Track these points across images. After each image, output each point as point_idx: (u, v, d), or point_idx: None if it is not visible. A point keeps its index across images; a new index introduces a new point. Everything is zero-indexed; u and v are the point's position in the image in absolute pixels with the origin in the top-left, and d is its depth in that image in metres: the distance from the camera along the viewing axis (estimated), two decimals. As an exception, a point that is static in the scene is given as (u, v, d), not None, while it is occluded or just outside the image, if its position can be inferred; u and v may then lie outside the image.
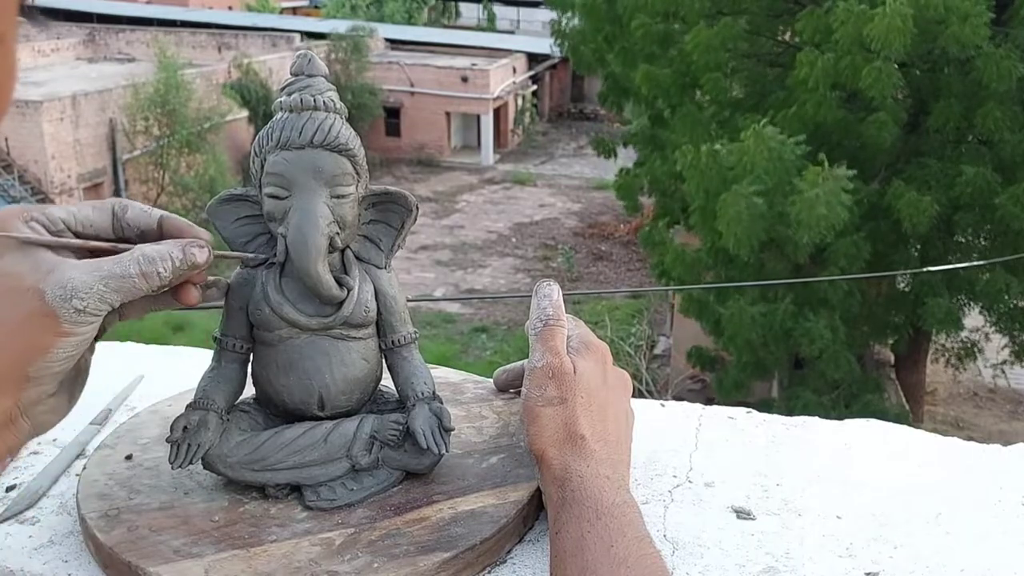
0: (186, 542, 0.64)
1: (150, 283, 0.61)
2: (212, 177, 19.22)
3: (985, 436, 10.06)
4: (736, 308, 7.41)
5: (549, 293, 0.76)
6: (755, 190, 6.61)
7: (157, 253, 0.62)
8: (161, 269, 0.61)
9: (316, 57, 0.71)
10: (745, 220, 6.57)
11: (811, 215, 6.33)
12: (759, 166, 6.59)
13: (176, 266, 0.62)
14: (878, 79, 6.62)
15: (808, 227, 6.39)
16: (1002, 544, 0.70)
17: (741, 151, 6.66)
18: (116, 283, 0.59)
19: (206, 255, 0.64)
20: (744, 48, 8.21)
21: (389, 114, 25.10)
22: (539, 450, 0.68)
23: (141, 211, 0.66)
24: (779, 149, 6.62)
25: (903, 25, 6.27)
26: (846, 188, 6.43)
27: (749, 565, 0.67)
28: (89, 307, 0.58)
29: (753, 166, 6.62)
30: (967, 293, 8.13)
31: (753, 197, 6.59)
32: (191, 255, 0.63)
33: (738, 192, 6.60)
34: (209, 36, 26.23)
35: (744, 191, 6.59)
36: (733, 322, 7.45)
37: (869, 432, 0.87)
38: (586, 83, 29.44)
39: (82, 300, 0.58)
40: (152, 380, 0.95)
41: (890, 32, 6.29)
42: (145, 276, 0.61)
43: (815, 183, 6.37)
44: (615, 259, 18.58)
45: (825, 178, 6.38)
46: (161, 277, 0.61)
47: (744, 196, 6.58)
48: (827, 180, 6.37)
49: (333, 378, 0.70)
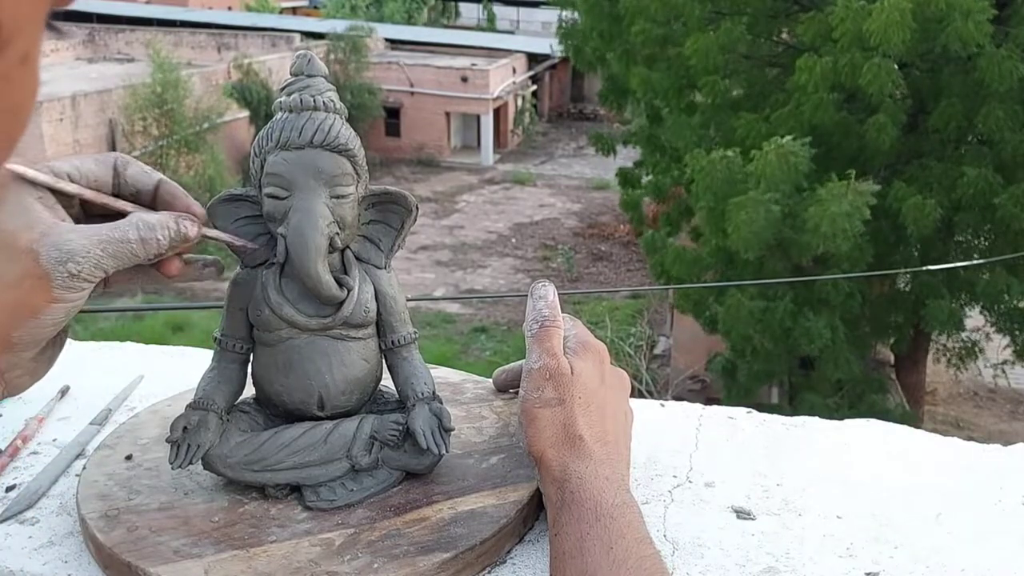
0: (186, 542, 0.64)
1: (147, 250, 0.61)
2: (212, 177, 19.20)
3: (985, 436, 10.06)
4: (734, 301, 7.41)
5: (545, 294, 0.76)
6: (771, 197, 6.63)
7: (157, 220, 0.61)
8: (160, 236, 0.61)
9: (316, 57, 0.71)
10: (760, 225, 6.59)
11: (832, 227, 6.35)
12: (776, 176, 6.61)
13: (172, 236, 0.62)
14: (877, 75, 6.63)
15: (825, 237, 6.41)
16: (1002, 544, 0.70)
17: (762, 162, 6.68)
18: (114, 247, 0.59)
19: (196, 230, 0.64)
20: (743, 49, 8.22)
21: (389, 114, 25.09)
22: (538, 451, 0.68)
23: (141, 171, 0.66)
24: (796, 160, 6.65)
25: (901, 19, 6.28)
26: (870, 203, 6.46)
27: (749, 565, 0.67)
28: (84, 272, 0.57)
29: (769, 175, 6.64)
30: (967, 293, 8.13)
31: (771, 204, 6.61)
32: (184, 227, 0.63)
33: (756, 199, 6.62)
34: (209, 36, 26.22)
35: (761, 198, 6.61)
36: (730, 316, 7.46)
37: (869, 432, 0.87)
38: (586, 83, 29.43)
39: (78, 264, 0.56)
40: (152, 380, 0.95)
41: (889, 27, 6.30)
42: (144, 242, 0.60)
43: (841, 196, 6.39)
44: (615, 259, 18.57)
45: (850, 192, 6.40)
46: (159, 245, 0.61)
47: (762, 203, 6.60)
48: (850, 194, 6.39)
49: (333, 378, 0.70)
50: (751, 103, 8.32)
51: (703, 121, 8.45)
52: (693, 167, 7.29)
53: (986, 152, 7.52)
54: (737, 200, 6.74)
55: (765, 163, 6.66)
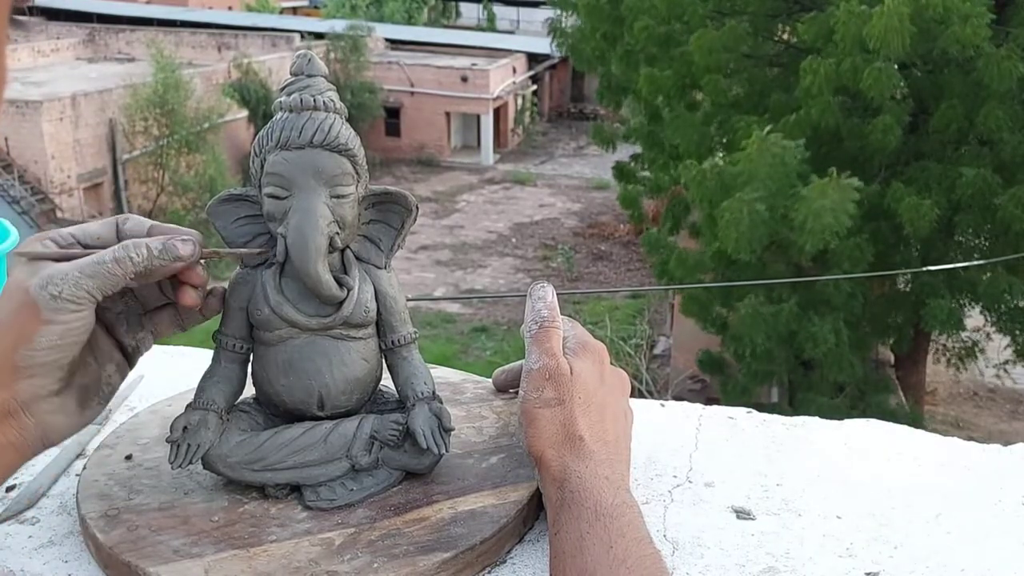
0: (186, 542, 0.64)
1: (123, 268, 0.62)
2: (212, 177, 19.22)
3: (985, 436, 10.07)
4: (748, 307, 7.42)
5: (543, 295, 0.76)
6: (756, 196, 6.63)
7: (132, 242, 0.64)
8: (133, 255, 0.63)
9: (316, 57, 0.71)
10: (745, 225, 6.59)
11: (817, 223, 6.36)
12: (762, 172, 6.61)
13: (153, 255, 0.63)
14: (878, 79, 6.64)
15: (813, 234, 6.42)
16: (1002, 544, 0.70)
17: (746, 159, 6.69)
18: (91, 268, 0.62)
19: (191, 248, 0.65)
20: (745, 49, 8.22)
21: (389, 114, 25.09)
22: (538, 452, 0.68)
23: (138, 222, 0.68)
24: (782, 155, 6.64)
25: (900, 25, 6.29)
26: (853, 198, 6.46)
27: (749, 565, 0.67)
28: (64, 292, 0.60)
29: (756, 172, 6.64)
30: (968, 294, 8.13)
31: (755, 204, 6.61)
32: (172, 247, 0.64)
33: (740, 198, 6.63)
34: (209, 36, 26.23)
35: (746, 197, 6.61)
36: (744, 323, 7.45)
37: (869, 432, 0.87)
38: (586, 83, 29.43)
39: (57, 286, 0.60)
40: (152, 380, 0.95)
41: (888, 32, 6.31)
42: (118, 261, 0.62)
43: (823, 194, 6.40)
44: (615, 259, 18.58)
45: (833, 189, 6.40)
46: (134, 262, 0.63)
47: (746, 202, 6.60)
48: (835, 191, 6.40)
49: (333, 378, 0.70)
50: (751, 103, 8.32)
51: (705, 119, 8.46)
52: (686, 176, 7.32)
53: (985, 153, 7.52)
54: (725, 203, 6.76)
55: (748, 160, 6.66)
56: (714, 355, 9.33)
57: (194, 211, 19.01)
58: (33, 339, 0.60)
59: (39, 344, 0.61)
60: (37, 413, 0.62)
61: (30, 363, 0.61)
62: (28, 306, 0.60)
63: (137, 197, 20.45)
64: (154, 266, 0.64)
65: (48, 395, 0.63)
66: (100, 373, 0.67)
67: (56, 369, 0.62)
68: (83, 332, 0.63)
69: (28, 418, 0.62)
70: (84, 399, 0.66)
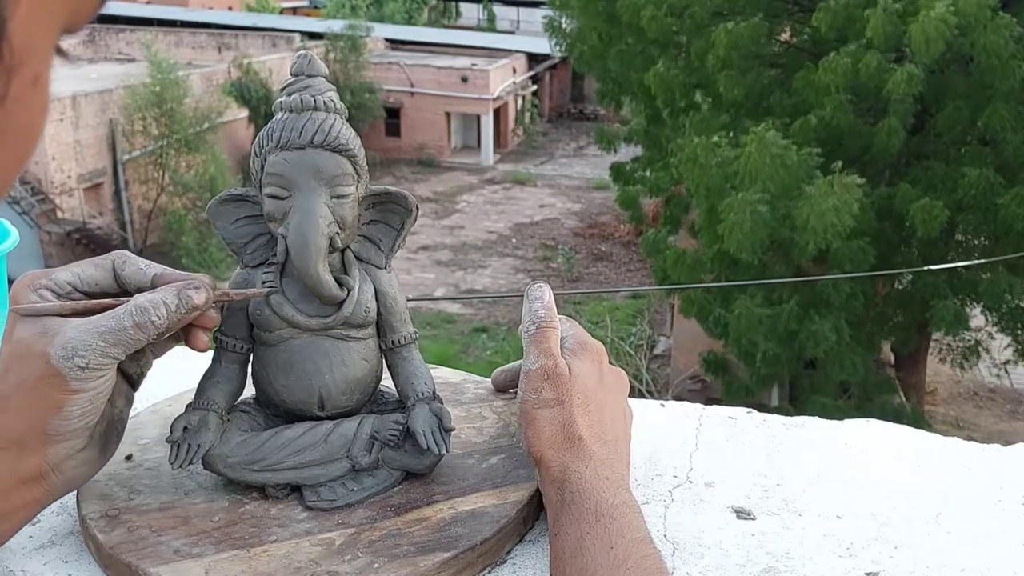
0: (186, 542, 0.65)
1: (146, 333, 0.62)
2: (212, 177, 19.20)
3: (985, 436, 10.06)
4: (743, 308, 7.39)
5: (540, 295, 0.76)
6: (760, 198, 6.60)
7: (150, 302, 0.62)
8: (155, 317, 0.62)
9: (316, 57, 0.71)
10: (747, 227, 6.57)
11: (820, 223, 6.33)
12: (763, 173, 6.58)
13: (172, 311, 0.63)
14: (908, 82, 6.56)
15: (816, 234, 6.39)
16: (1002, 544, 0.70)
17: (745, 156, 6.65)
18: (113, 337, 0.61)
19: (204, 296, 0.64)
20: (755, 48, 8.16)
21: (389, 114, 25.08)
22: (537, 452, 0.68)
23: (137, 269, 0.66)
24: (782, 155, 6.61)
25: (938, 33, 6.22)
26: (857, 197, 6.43)
27: (749, 565, 0.67)
28: (91, 363, 0.60)
29: (757, 173, 6.61)
30: (969, 293, 8.12)
31: (758, 206, 6.58)
32: (187, 298, 0.63)
33: (744, 200, 6.60)
34: (209, 36, 26.21)
35: (750, 199, 6.59)
36: (740, 323, 7.43)
37: (869, 432, 0.87)
38: (586, 83, 29.41)
39: (83, 358, 0.60)
40: (152, 380, 0.95)
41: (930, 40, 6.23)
42: (139, 327, 0.61)
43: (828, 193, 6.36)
44: (615, 259, 18.57)
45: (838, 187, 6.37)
46: (156, 325, 0.62)
47: (749, 204, 6.57)
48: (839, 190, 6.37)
49: (333, 378, 0.70)
50: (752, 103, 8.30)
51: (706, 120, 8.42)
52: (679, 156, 7.22)
53: (987, 153, 7.50)
54: (727, 202, 6.73)
55: (747, 157, 6.62)
56: (718, 355, 9.31)
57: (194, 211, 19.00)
58: (64, 409, 0.60)
59: (70, 414, 0.60)
60: (65, 471, 0.63)
61: (63, 431, 0.61)
62: (52, 376, 0.59)
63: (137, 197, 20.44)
64: (173, 323, 0.63)
65: (76, 453, 0.63)
66: (113, 411, 0.67)
67: (86, 430, 0.63)
68: (109, 392, 0.63)
69: (56, 477, 0.63)
70: (105, 444, 0.67)
